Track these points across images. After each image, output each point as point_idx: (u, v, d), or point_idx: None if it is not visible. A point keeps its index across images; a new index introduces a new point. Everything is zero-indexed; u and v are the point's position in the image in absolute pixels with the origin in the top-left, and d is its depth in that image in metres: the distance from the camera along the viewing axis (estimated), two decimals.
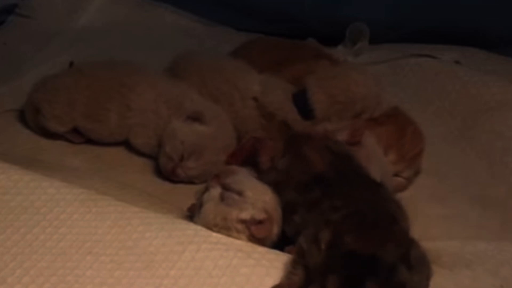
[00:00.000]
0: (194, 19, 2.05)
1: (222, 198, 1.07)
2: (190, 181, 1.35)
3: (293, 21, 1.97)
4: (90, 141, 1.45)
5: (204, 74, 1.48)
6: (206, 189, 1.11)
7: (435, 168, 1.42)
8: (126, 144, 1.45)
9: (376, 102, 1.42)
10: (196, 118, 1.35)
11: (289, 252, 1.01)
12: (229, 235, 1.02)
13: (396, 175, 1.34)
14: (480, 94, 1.60)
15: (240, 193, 1.07)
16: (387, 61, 1.79)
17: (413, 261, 0.89)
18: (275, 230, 1.07)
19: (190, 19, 2.05)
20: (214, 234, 1.01)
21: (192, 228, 1.02)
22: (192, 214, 1.13)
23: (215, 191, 1.09)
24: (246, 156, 1.26)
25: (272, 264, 0.95)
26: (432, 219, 1.24)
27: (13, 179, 1.08)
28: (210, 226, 1.04)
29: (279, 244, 1.07)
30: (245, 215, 1.04)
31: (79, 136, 1.45)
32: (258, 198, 1.07)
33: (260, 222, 1.05)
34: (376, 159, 1.25)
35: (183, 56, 1.57)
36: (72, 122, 1.44)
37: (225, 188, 1.08)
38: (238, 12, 2.02)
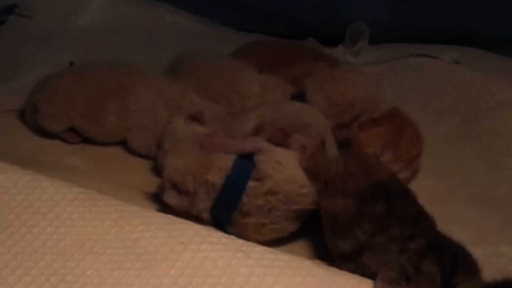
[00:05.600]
0: (194, 19, 2.05)
1: None
2: None
3: (293, 21, 1.96)
4: (89, 140, 1.45)
5: (203, 75, 1.48)
6: None
7: (435, 168, 1.42)
8: (126, 144, 1.44)
9: (375, 105, 1.42)
10: (195, 118, 1.34)
11: None
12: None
13: None
14: (480, 94, 1.60)
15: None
16: (387, 61, 1.78)
17: None
18: None
19: (190, 19, 2.05)
20: (215, 234, 1.01)
21: (192, 228, 1.02)
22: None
23: None
24: None
25: (271, 264, 0.95)
26: None
27: (13, 179, 1.08)
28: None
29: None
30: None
31: (75, 136, 1.45)
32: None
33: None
34: None
35: (182, 56, 1.56)
36: (69, 121, 1.43)
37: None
38: (238, 12, 2.02)
